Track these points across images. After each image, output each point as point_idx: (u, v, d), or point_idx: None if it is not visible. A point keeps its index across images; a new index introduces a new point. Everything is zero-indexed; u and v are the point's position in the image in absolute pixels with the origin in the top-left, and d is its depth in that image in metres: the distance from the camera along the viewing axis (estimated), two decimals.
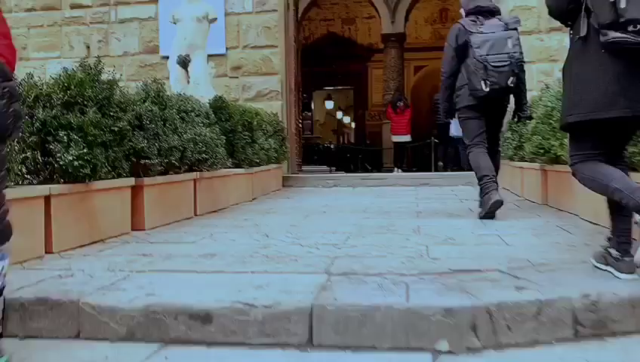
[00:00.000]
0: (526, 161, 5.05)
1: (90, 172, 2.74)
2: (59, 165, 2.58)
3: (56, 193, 2.59)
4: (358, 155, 19.19)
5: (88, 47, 7.68)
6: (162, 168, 3.50)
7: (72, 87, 2.71)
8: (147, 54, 7.61)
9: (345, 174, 7.35)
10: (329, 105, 24.73)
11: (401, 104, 11.21)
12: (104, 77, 3.05)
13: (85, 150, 2.66)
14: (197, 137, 3.95)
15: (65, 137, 2.59)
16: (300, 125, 8.82)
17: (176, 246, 2.78)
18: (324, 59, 19.50)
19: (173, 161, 3.58)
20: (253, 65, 7.42)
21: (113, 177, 3.08)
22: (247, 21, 7.42)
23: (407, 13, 17.81)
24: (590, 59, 1.93)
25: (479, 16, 3.75)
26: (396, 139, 11.46)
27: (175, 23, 6.02)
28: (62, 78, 2.74)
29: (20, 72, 6.56)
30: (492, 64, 3.56)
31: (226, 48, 7.46)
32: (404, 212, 4.18)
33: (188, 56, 5.89)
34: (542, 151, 4.18)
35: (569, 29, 2.09)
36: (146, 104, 3.41)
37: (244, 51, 7.46)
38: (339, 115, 26.28)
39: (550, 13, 2.15)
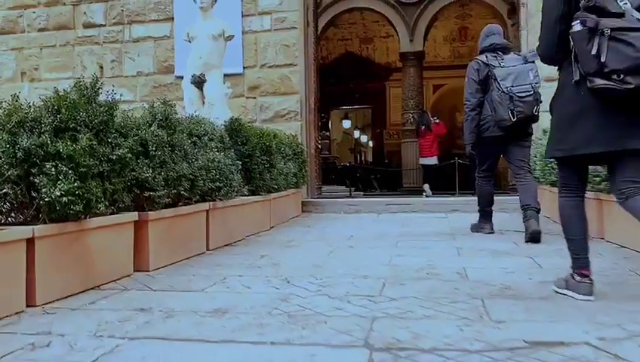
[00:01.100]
0: None
1: (83, 208, 2.34)
2: (44, 202, 2.19)
3: (41, 235, 2.19)
4: (376, 175, 18.77)
5: (101, 68, 7.43)
6: (170, 200, 3.10)
7: (63, 111, 2.33)
8: (162, 74, 7.33)
9: (367, 199, 6.89)
10: (346, 124, 24.45)
11: (422, 127, 10.80)
12: (103, 98, 2.69)
13: (77, 183, 2.27)
14: (210, 164, 3.55)
15: (52, 169, 2.21)
16: (319, 146, 8.43)
17: (182, 297, 2.36)
18: (341, 78, 19.33)
19: (182, 192, 3.18)
20: (272, 85, 7.08)
21: (112, 212, 2.69)
22: (266, 39, 7.10)
23: (426, 31, 17.49)
24: (575, 100, 2.09)
25: (498, 52, 4.03)
26: (422, 161, 11.11)
27: (190, 41, 5.70)
28: (52, 100, 2.37)
29: (32, 94, 6.25)
30: (518, 95, 3.77)
31: (243, 67, 7.14)
32: (440, 247, 3.72)
33: (203, 75, 5.56)
34: (597, 179, 3.70)
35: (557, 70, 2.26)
36: (152, 128, 3.03)
37: (261, 70, 7.13)
38: (356, 133, 25.95)
39: (542, 61, 2.34)
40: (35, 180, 2.19)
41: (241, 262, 3.21)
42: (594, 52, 1.92)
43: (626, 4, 1.94)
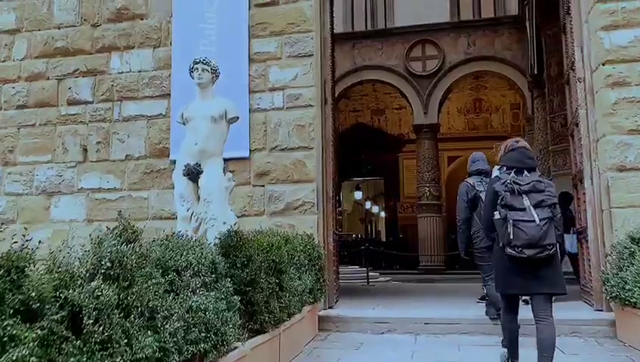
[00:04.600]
0: None
1: None
2: None
3: None
4: (392, 251, 17.44)
5: (85, 150, 6.42)
6: None
7: None
8: (155, 158, 6.29)
9: (400, 315, 5.56)
10: (358, 195, 23.56)
11: None
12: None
13: None
14: (191, 318, 2.36)
15: None
16: (337, 236, 7.22)
17: None
18: (352, 149, 18.66)
19: None
20: (283, 171, 6.00)
21: None
22: (277, 118, 6.10)
23: (440, 103, 16.89)
24: (502, 258, 3.32)
25: (483, 176, 4.99)
26: None
27: (184, 124, 4.69)
28: None
29: (5, 180, 5.01)
30: None
31: (250, 151, 6.09)
32: None
33: (198, 165, 4.48)
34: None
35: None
36: (93, 284, 1.87)
37: (271, 154, 6.08)
38: (367, 204, 24.98)
39: (484, 231, 3.93)
40: None
41: None
42: (508, 231, 3.19)
43: (527, 201, 3.20)
